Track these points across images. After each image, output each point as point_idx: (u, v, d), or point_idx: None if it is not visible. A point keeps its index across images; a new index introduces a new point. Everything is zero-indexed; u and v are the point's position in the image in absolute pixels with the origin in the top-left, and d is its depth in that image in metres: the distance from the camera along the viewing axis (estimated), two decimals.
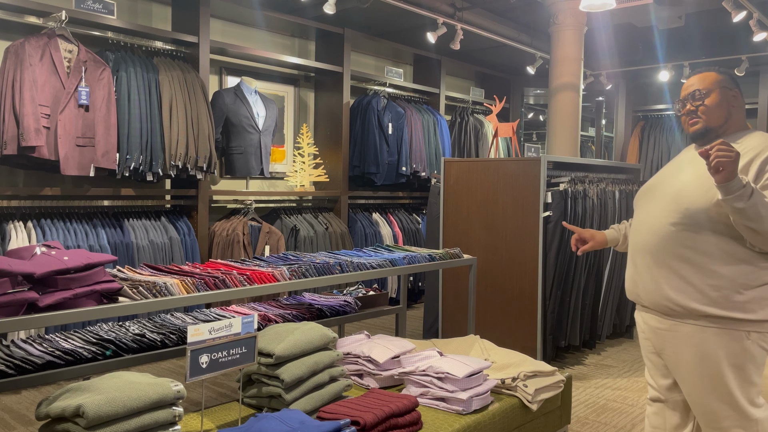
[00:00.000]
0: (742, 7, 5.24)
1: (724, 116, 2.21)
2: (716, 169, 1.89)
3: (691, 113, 2.23)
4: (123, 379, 1.90)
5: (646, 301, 2.26)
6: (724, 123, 2.21)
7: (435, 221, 4.93)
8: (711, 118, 2.21)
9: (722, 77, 2.24)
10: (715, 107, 2.21)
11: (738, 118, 2.23)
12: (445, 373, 2.49)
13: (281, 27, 5.90)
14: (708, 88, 2.22)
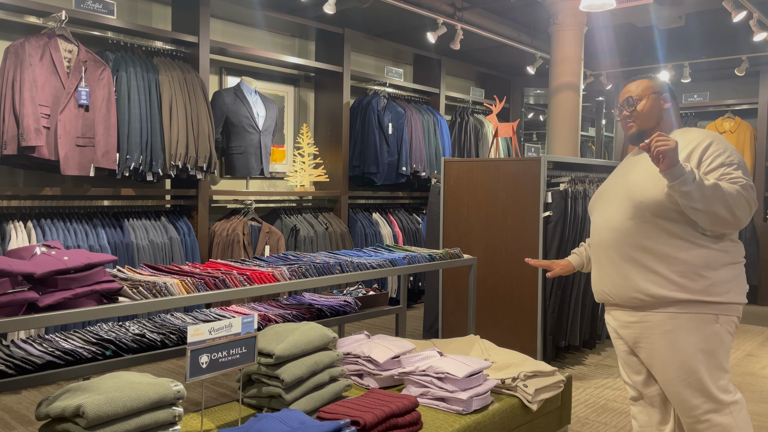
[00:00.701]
0: (742, 7, 5.23)
1: (655, 120, 2.40)
2: (658, 158, 2.06)
3: (626, 118, 2.44)
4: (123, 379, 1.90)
5: (615, 298, 2.37)
6: (655, 126, 2.40)
7: (435, 221, 4.93)
8: (643, 122, 2.41)
9: (654, 84, 2.44)
10: (646, 112, 2.40)
11: (668, 120, 2.42)
12: (445, 373, 2.49)
13: (281, 27, 5.90)
14: (640, 95, 2.42)
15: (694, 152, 2.24)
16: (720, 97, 7.95)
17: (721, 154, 2.21)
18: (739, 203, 2.10)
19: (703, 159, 2.22)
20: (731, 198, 2.09)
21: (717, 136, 2.30)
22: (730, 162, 2.19)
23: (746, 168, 2.23)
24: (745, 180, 2.15)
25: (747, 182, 2.15)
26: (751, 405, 3.82)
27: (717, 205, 2.08)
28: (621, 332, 2.40)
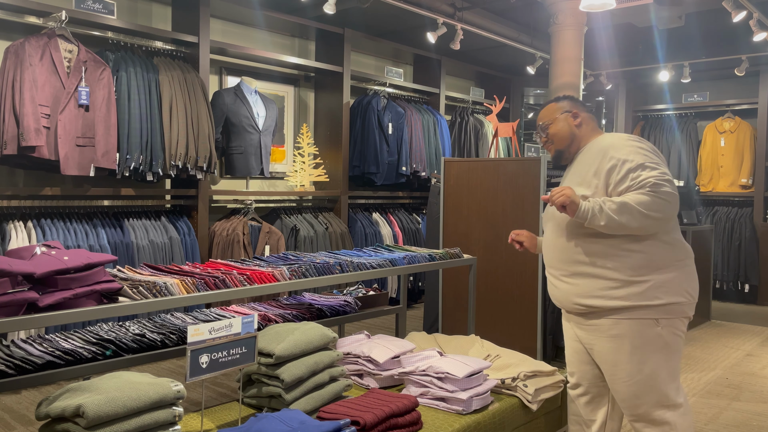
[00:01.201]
0: (742, 7, 5.23)
1: (568, 139, 2.53)
2: (562, 209, 2.25)
3: (545, 143, 2.60)
4: (123, 379, 1.90)
5: (564, 307, 2.52)
6: (571, 143, 2.53)
7: (435, 221, 4.93)
8: (558, 143, 2.55)
9: (560, 104, 2.58)
10: (558, 134, 2.54)
11: (584, 133, 2.53)
12: (445, 373, 2.49)
13: (281, 27, 5.90)
14: (549, 119, 2.57)
15: (599, 170, 2.35)
16: (720, 97, 7.94)
17: (626, 162, 2.28)
18: (652, 206, 2.19)
19: (612, 173, 2.31)
20: (643, 206, 2.18)
21: (622, 144, 2.35)
22: (635, 166, 2.26)
23: (653, 157, 2.30)
24: (653, 179, 2.21)
25: (655, 179, 2.21)
26: (751, 405, 3.82)
27: (632, 221, 2.20)
28: (576, 332, 2.53)
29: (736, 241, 7.36)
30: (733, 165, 7.59)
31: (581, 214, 2.23)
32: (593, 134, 2.52)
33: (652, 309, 2.30)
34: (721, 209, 7.62)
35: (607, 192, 2.32)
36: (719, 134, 7.72)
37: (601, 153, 2.37)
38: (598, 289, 2.33)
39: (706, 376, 4.39)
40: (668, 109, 8.28)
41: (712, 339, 5.50)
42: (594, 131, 2.54)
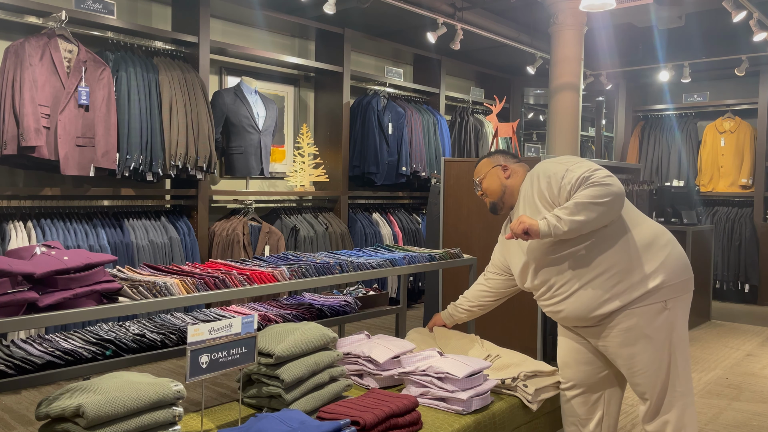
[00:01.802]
0: (742, 7, 5.23)
1: (501, 190, 2.71)
2: (525, 236, 2.37)
3: (481, 195, 2.80)
4: (123, 379, 1.90)
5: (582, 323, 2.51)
6: (503, 194, 2.71)
7: (435, 221, 4.93)
8: (492, 195, 2.75)
9: (489, 159, 2.79)
10: (490, 187, 2.74)
11: (514, 184, 2.69)
12: (445, 373, 2.49)
13: (281, 27, 5.90)
14: (481, 176, 2.77)
15: (540, 194, 2.47)
16: (720, 97, 7.94)
17: (553, 176, 2.43)
18: (599, 193, 2.30)
19: (550, 188, 2.44)
20: (591, 197, 2.30)
21: (544, 165, 2.53)
22: (561, 175, 2.40)
23: (569, 160, 2.48)
24: (585, 173, 2.34)
25: (587, 173, 2.34)
26: (751, 405, 3.82)
27: (590, 213, 2.30)
28: (579, 330, 2.57)
29: (736, 241, 7.36)
30: (733, 165, 7.59)
31: (544, 232, 2.33)
32: (521, 181, 2.68)
33: (656, 293, 2.36)
34: (721, 209, 7.62)
35: (557, 205, 2.42)
36: (719, 134, 7.72)
37: (532, 180, 2.54)
38: (603, 294, 2.39)
39: (706, 376, 4.39)
40: (668, 109, 8.28)
41: (712, 339, 5.50)
42: (522, 177, 2.69)
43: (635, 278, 2.37)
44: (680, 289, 2.41)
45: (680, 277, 2.41)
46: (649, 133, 8.38)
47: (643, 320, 2.37)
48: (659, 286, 2.37)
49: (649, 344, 2.39)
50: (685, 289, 2.44)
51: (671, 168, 8.05)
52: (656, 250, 2.41)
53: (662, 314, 2.38)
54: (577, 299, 2.44)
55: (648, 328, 2.38)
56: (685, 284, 2.44)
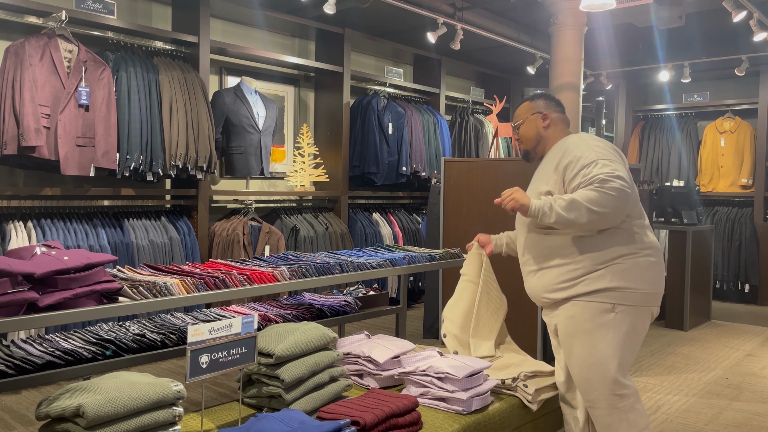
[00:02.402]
0: (742, 7, 5.23)
1: (534, 140, 2.62)
2: (513, 210, 2.39)
3: (516, 140, 2.73)
4: (123, 379, 1.90)
5: (537, 302, 2.61)
6: (537, 144, 2.62)
7: (435, 221, 4.93)
8: (525, 142, 2.67)
9: (533, 104, 2.65)
10: (525, 134, 2.65)
11: (551, 134, 2.59)
12: (445, 373, 2.49)
13: (281, 27, 5.90)
14: (520, 119, 2.67)
15: (558, 166, 2.44)
16: (720, 97, 7.94)
17: (580, 159, 2.36)
18: (600, 201, 2.24)
19: (567, 169, 2.40)
20: (590, 202, 2.25)
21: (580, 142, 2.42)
22: (588, 162, 2.33)
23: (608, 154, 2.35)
24: (602, 174, 2.27)
25: (604, 175, 2.26)
26: (751, 405, 3.82)
27: (581, 217, 2.26)
28: (546, 320, 2.62)
29: (736, 241, 7.36)
30: (734, 165, 7.59)
31: (532, 213, 2.34)
32: (561, 135, 2.58)
33: (607, 293, 2.34)
34: (722, 209, 7.62)
35: (564, 187, 2.40)
36: (719, 134, 7.72)
37: (561, 151, 2.46)
38: (560, 282, 2.42)
39: (706, 376, 4.39)
40: (668, 109, 8.28)
41: (712, 339, 5.50)
42: (562, 132, 2.60)
43: (594, 275, 2.36)
44: (636, 299, 2.35)
45: (640, 288, 2.36)
46: (649, 133, 8.38)
47: (586, 314, 2.37)
48: (613, 288, 2.34)
49: (587, 340, 2.38)
50: (642, 302, 2.37)
51: (671, 168, 8.05)
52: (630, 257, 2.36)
53: (607, 315, 2.35)
54: (538, 279, 2.50)
55: (589, 323, 2.37)
56: (644, 297, 2.37)
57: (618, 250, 2.36)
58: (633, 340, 2.39)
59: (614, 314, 2.35)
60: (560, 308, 2.46)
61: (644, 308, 2.38)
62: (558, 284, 2.43)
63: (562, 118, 2.64)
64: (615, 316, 2.35)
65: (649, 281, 2.38)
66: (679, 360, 4.80)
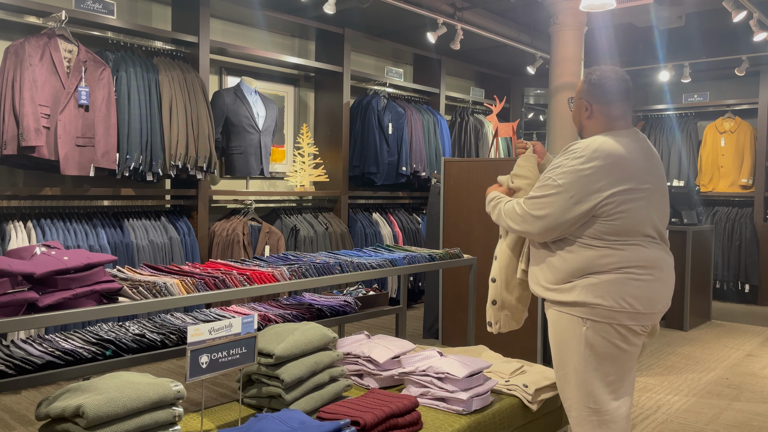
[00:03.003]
0: (742, 7, 5.23)
1: (578, 123, 2.45)
2: None
3: None
4: (123, 379, 1.90)
5: None
6: (581, 131, 2.44)
7: (435, 221, 4.93)
8: (574, 121, 2.48)
9: (582, 88, 2.40)
10: (574, 116, 2.47)
11: (589, 126, 2.38)
12: (445, 374, 2.49)
13: (281, 27, 5.90)
14: (575, 95, 2.44)
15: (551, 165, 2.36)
16: (720, 97, 7.94)
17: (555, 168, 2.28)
18: (511, 216, 2.36)
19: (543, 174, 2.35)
20: (508, 214, 2.38)
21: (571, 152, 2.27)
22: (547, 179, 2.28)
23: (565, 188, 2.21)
24: (534, 197, 2.28)
25: (534, 198, 2.28)
26: (751, 405, 3.82)
27: (503, 222, 2.42)
28: None
29: (736, 241, 7.36)
30: (734, 165, 7.59)
31: (487, 200, 2.53)
32: (598, 131, 2.33)
33: (577, 307, 2.23)
34: (722, 209, 7.62)
35: None
36: (719, 134, 7.72)
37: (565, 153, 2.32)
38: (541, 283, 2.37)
39: (706, 376, 4.39)
40: (668, 109, 8.28)
41: (712, 339, 5.50)
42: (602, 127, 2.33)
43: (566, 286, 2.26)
44: (608, 316, 2.20)
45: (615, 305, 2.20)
46: (649, 133, 8.37)
47: (561, 324, 2.30)
48: (581, 302, 2.22)
49: (560, 348, 2.32)
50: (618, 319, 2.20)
51: (671, 168, 8.05)
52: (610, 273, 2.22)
53: (578, 328, 2.24)
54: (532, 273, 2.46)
55: (563, 333, 2.29)
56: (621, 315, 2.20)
57: (594, 265, 2.22)
58: (611, 357, 2.24)
59: (585, 328, 2.23)
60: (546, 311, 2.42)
61: (619, 325, 2.21)
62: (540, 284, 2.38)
63: (608, 112, 2.33)
64: (586, 330, 2.23)
65: (628, 298, 2.20)
66: (679, 360, 4.80)
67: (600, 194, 2.20)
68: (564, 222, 2.23)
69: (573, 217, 2.22)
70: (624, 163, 2.24)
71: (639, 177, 2.25)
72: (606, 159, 2.22)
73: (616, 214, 2.21)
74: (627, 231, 2.23)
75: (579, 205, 2.21)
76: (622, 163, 2.24)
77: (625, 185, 2.22)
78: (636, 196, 2.23)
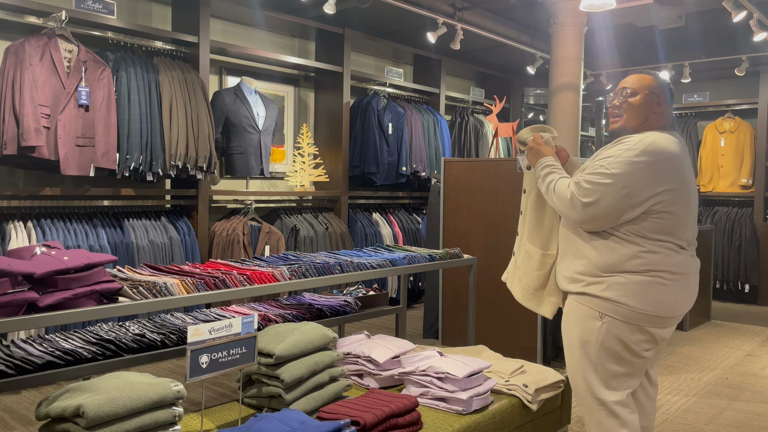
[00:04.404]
0: (742, 7, 5.23)
1: (641, 119, 2.34)
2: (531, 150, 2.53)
3: (615, 108, 2.39)
4: (123, 379, 1.90)
5: None
6: (639, 125, 2.33)
7: (435, 221, 4.93)
8: (630, 117, 2.35)
9: (654, 83, 2.36)
10: (635, 108, 2.34)
11: (654, 122, 2.34)
12: (445, 373, 2.49)
13: (281, 27, 5.90)
14: (636, 90, 2.35)
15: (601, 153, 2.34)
16: (720, 97, 7.94)
17: (607, 158, 2.26)
18: (559, 193, 2.31)
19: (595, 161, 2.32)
20: (557, 191, 2.32)
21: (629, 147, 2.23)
22: (599, 167, 2.24)
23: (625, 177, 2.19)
24: (585, 182, 2.23)
25: (585, 183, 2.23)
26: (751, 405, 3.82)
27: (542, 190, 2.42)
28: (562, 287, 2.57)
29: (736, 241, 7.36)
30: (733, 165, 7.59)
31: (540, 167, 2.46)
32: (658, 127, 2.33)
33: (598, 300, 2.27)
34: (721, 209, 7.62)
35: None
36: (719, 134, 7.72)
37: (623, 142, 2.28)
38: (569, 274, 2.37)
39: (706, 376, 4.39)
40: None
41: (712, 339, 5.50)
42: (662, 123, 2.35)
43: (594, 279, 2.28)
44: (628, 315, 2.23)
45: (637, 307, 2.22)
46: None
47: (577, 314, 2.33)
48: (605, 298, 2.25)
49: (573, 339, 2.35)
50: (635, 320, 2.24)
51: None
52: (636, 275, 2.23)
53: (594, 322, 2.27)
54: (559, 265, 2.47)
55: (577, 324, 2.32)
56: (640, 316, 2.23)
57: (625, 264, 2.24)
58: (622, 356, 2.28)
59: (601, 323, 2.26)
60: (566, 300, 2.44)
61: (637, 326, 2.25)
62: (566, 275, 2.38)
63: (668, 115, 2.37)
64: (602, 325, 2.26)
65: (653, 302, 2.22)
66: (679, 360, 4.80)
67: (653, 189, 2.20)
68: (612, 213, 2.22)
69: (622, 209, 2.21)
70: (676, 162, 2.25)
71: (685, 178, 2.28)
72: (660, 155, 2.22)
73: (664, 213, 2.21)
74: (670, 231, 2.24)
75: (630, 198, 2.19)
76: (675, 162, 2.25)
77: (675, 184, 2.23)
78: (682, 197, 2.25)
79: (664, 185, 2.20)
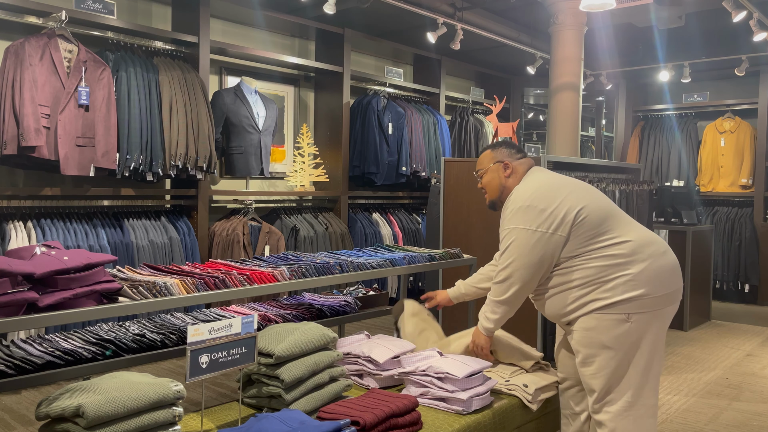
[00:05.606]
0: (742, 7, 5.23)
1: (499, 189, 2.67)
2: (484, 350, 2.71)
3: (482, 190, 2.76)
4: (123, 379, 1.90)
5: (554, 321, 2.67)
6: (501, 193, 2.66)
7: (435, 221, 4.93)
8: (491, 193, 2.72)
9: (493, 152, 2.69)
10: (490, 184, 2.69)
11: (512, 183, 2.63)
12: (445, 373, 2.49)
13: (281, 27, 5.90)
14: (482, 169, 2.71)
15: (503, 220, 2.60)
16: (720, 97, 7.94)
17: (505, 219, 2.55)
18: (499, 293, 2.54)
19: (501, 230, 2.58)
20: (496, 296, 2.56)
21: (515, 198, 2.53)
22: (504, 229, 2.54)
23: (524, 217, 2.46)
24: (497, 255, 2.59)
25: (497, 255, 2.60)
26: (751, 405, 3.82)
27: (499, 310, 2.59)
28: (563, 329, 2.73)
29: (736, 241, 7.36)
30: (733, 165, 7.59)
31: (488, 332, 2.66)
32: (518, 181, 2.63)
33: (621, 305, 2.35)
34: (721, 209, 7.62)
35: None
36: (719, 134, 7.72)
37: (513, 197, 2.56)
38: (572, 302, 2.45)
39: (706, 376, 4.39)
40: (668, 109, 8.28)
41: (712, 339, 5.50)
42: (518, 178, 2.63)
43: (602, 291, 2.38)
44: (650, 304, 2.36)
45: (652, 293, 2.36)
46: (649, 133, 8.38)
47: (602, 327, 2.37)
48: (623, 300, 2.35)
49: (606, 352, 2.38)
50: (656, 305, 2.37)
51: (671, 168, 8.05)
52: (632, 264, 2.37)
53: (623, 326, 2.35)
54: (551, 302, 2.55)
55: (605, 335, 2.37)
56: (657, 300, 2.38)
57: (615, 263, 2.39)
58: (653, 346, 2.38)
59: (630, 323, 2.34)
60: (577, 322, 2.46)
61: (659, 311, 2.38)
62: (569, 306, 2.46)
63: (523, 163, 2.67)
64: (631, 325, 2.34)
65: (657, 283, 2.37)
66: (679, 360, 4.80)
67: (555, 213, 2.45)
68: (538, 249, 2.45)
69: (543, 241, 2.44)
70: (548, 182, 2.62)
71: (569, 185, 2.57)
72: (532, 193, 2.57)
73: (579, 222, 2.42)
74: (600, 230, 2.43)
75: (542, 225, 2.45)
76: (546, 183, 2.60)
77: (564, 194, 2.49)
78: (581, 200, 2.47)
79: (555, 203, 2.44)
